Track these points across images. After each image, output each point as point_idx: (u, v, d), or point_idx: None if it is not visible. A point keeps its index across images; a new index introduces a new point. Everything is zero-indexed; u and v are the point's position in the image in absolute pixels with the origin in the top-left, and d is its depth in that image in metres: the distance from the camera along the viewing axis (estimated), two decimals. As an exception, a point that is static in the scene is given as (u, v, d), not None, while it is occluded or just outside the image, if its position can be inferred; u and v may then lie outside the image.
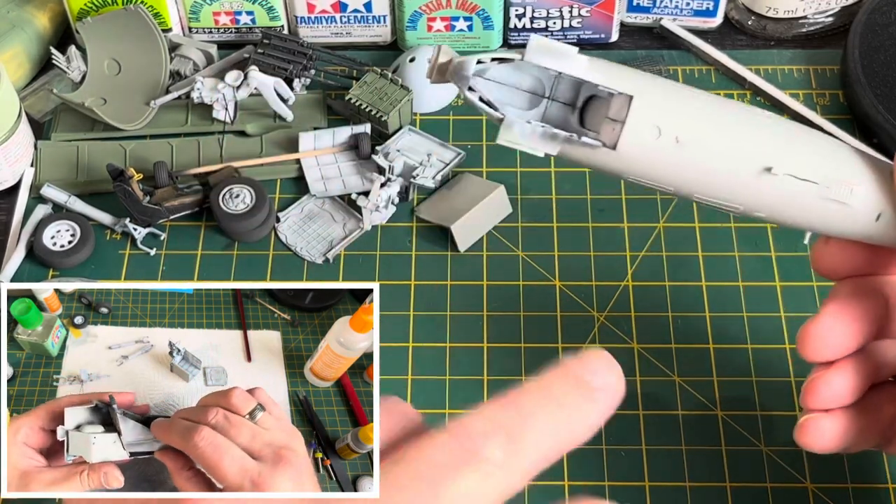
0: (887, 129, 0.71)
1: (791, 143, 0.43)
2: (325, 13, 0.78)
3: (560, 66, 0.41)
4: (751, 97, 0.76)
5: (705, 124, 0.42)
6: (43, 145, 0.73)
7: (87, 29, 0.76)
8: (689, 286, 0.67)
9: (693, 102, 0.42)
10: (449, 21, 0.77)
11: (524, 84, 0.42)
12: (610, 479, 0.59)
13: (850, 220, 0.44)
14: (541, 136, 0.41)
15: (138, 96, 0.76)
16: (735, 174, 0.42)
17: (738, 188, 0.43)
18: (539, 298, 0.67)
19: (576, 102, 0.43)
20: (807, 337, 0.48)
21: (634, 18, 0.80)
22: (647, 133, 0.41)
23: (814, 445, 0.50)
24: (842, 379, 0.49)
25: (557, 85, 0.42)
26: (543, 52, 0.41)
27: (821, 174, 0.43)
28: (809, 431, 0.50)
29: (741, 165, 0.42)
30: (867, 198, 0.43)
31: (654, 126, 0.41)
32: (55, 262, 0.67)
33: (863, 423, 0.51)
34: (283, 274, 0.68)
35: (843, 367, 0.49)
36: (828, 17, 0.79)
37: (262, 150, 0.73)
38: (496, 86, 0.42)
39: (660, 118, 0.41)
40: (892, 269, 0.49)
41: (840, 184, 0.43)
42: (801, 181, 0.43)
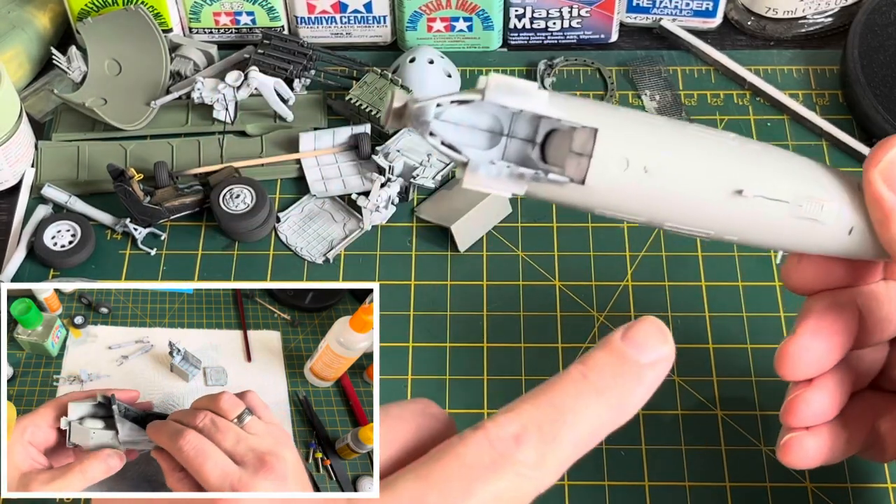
0: (887, 129, 0.71)
1: (760, 164, 0.43)
2: (325, 13, 0.78)
3: (521, 103, 0.40)
4: (751, 97, 0.76)
5: (673, 152, 0.42)
6: (43, 145, 0.74)
7: (87, 29, 0.76)
8: (689, 286, 0.67)
9: (658, 131, 0.42)
10: (449, 21, 0.77)
11: (482, 123, 0.42)
12: (610, 479, 0.59)
13: (823, 236, 0.44)
14: (507, 176, 0.41)
15: (139, 96, 0.76)
16: (706, 199, 0.43)
17: (710, 213, 0.43)
18: (539, 298, 0.67)
19: (535, 138, 0.43)
20: (784, 357, 0.47)
21: (634, 19, 0.80)
22: (615, 165, 0.41)
23: (798, 464, 0.50)
24: (821, 396, 0.48)
25: (515, 122, 0.42)
26: (503, 91, 0.40)
27: (791, 193, 0.43)
28: (792, 451, 0.50)
29: (712, 190, 0.43)
30: (839, 213, 0.43)
31: (622, 157, 0.41)
32: (55, 262, 0.68)
33: (845, 436, 0.50)
34: (283, 274, 0.68)
35: (823, 383, 0.49)
36: (827, 18, 0.80)
37: (263, 150, 0.73)
38: (454, 126, 0.41)
39: (627, 149, 0.41)
40: (865, 279, 0.48)
41: (811, 201, 0.43)
42: (771, 201, 0.43)
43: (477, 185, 0.41)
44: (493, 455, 0.32)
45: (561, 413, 0.33)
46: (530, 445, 0.33)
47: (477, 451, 0.32)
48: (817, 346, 0.47)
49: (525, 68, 0.78)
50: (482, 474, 0.32)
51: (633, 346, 0.34)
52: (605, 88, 0.77)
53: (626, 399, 0.34)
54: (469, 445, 0.33)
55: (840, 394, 0.49)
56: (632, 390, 0.34)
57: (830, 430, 0.50)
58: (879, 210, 0.42)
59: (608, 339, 0.35)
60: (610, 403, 0.34)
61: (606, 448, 0.60)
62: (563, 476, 0.61)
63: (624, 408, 0.34)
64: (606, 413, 0.34)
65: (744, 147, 0.43)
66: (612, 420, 0.34)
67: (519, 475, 0.32)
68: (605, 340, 0.35)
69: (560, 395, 0.34)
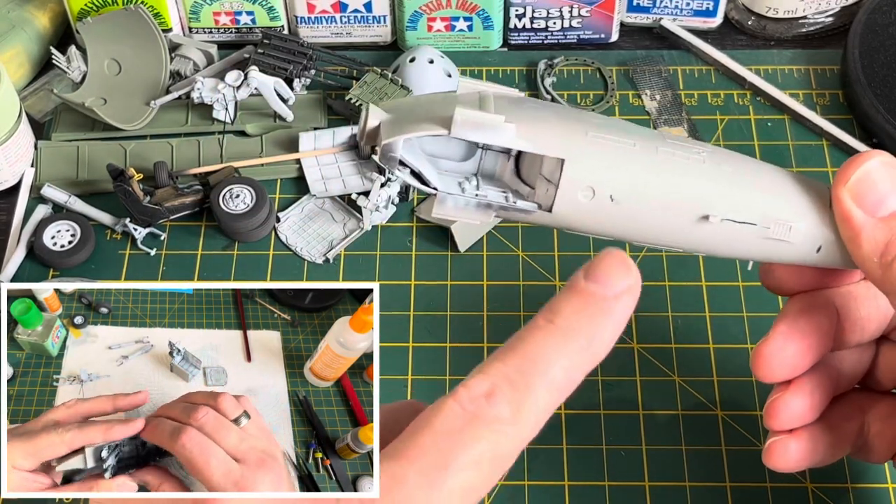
0: (887, 129, 0.71)
1: (728, 186, 0.43)
2: (325, 13, 0.78)
3: (487, 138, 0.40)
4: (751, 97, 0.76)
5: (639, 180, 0.42)
6: (43, 145, 0.74)
7: (87, 29, 0.76)
8: (689, 286, 0.67)
9: (626, 157, 0.42)
10: (449, 21, 0.77)
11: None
12: (610, 479, 0.59)
13: (791, 253, 0.44)
14: (475, 206, 0.41)
15: (138, 96, 0.76)
16: (673, 225, 0.43)
17: (678, 236, 0.44)
18: (539, 298, 0.67)
19: (510, 151, 0.43)
20: (759, 358, 0.48)
21: (634, 18, 0.80)
22: (581, 195, 0.42)
23: (783, 467, 0.50)
24: (800, 399, 0.49)
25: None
26: (469, 125, 0.40)
27: (759, 214, 0.43)
28: (776, 454, 0.50)
29: (678, 216, 0.43)
30: (806, 233, 0.44)
31: (588, 187, 0.42)
32: (55, 262, 0.67)
33: (830, 438, 0.50)
34: (283, 274, 0.68)
35: (801, 386, 0.49)
36: (828, 17, 0.80)
37: (262, 150, 0.73)
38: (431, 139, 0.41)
39: (592, 179, 0.42)
40: (842, 281, 0.48)
41: (778, 223, 0.43)
42: (739, 224, 0.43)
43: (445, 215, 0.42)
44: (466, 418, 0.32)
45: (531, 362, 0.33)
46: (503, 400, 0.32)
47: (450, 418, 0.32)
48: (790, 348, 0.47)
49: (525, 68, 0.78)
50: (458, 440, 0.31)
51: (597, 282, 0.34)
52: (605, 88, 0.77)
53: (596, 337, 0.33)
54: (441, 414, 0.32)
55: (819, 396, 0.49)
56: (601, 326, 0.33)
57: (813, 434, 0.50)
58: (849, 228, 0.43)
59: (571, 280, 0.34)
60: (580, 344, 0.33)
61: (606, 448, 0.60)
62: (563, 476, 0.61)
63: (596, 346, 0.33)
64: (578, 355, 0.33)
65: (715, 167, 0.43)
66: (586, 361, 0.33)
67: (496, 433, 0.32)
68: (567, 283, 0.34)
69: (527, 345, 0.33)
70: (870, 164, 0.43)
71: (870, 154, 0.43)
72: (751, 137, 0.74)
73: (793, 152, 0.73)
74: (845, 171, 0.43)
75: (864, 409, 0.51)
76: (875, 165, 0.43)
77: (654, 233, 0.43)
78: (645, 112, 0.75)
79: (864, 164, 0.43)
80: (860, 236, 0.43)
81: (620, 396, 0.62)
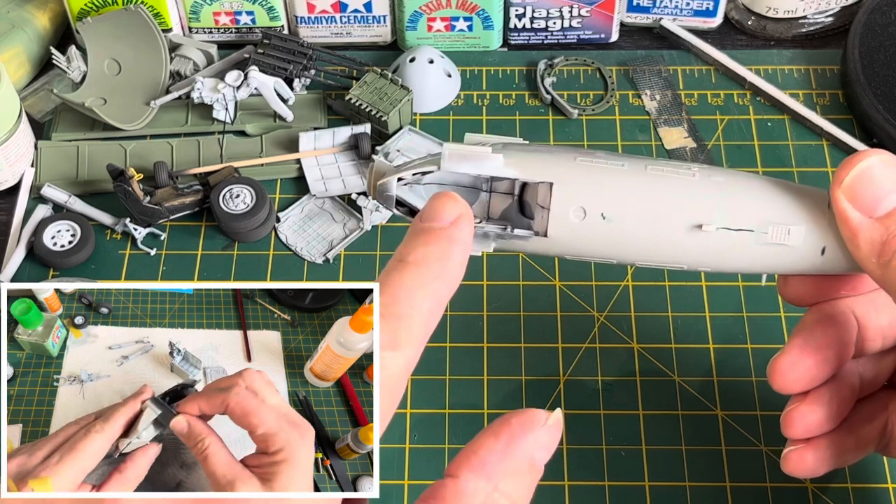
0: (887, 129, 0.71)
1: (720, 195, 0.43)
2: (325, 13, 0.78)
3: (476, 169, 0.42)
4: (751, 97, 0.76)
5: (628, 195, 0.43)
6: (43, 145, 0.74)
7: (87, 29, 0.76)
8: (689, 286, 0.67)
9: (615, 176, 0.43)
10: (449, 21, 0.77)
11: (464, 180, 0.44)
12: (610, 479, 0.59)
13: (795, 259, 0.44)
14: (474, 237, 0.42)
15: (138, 96, 0.76)
16: (667, 238, 0.43)
17: (674, 250, 0.44)
18: (539, 298, 0.67)
19: (513, 190, 0.44)
20: (775, 372, 0.48)
21: (634, 18, 0.80)
22: (573, 215, 0.43)
23: (801, 475, 0.50)
24: (817, 410, 0.49)
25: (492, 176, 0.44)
26: (458, 158, 0.42)
27: (755, 220, 0.43)
28: (793, 463, 0.50)
29: (671, 229, 0.43)
30: (807, 235, 0.44)
31: (579, 207, 0.43)
32: (55, 262, 0.67)
33: (851, 442, 0.50)
34: (283, 274, 0.68)
35: (818, 396, 0.49)
36: (828, 17, 0.80)
37: (262, 150, 0.73)
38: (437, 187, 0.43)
39: (582, 199, 0.43)
40: (860, 289, 0.48)
41: (776, 227, 0.43)
42: (735, 231, 0.43)
43: None
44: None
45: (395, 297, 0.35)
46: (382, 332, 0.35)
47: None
48: (806, 361, 0.47)
49: (525, 68, 0.78)
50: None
51: (430, 219, 0.37)
52: (605, 88, 0.77)
53: (447, 261, 0.36)
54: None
55: (837, 405, 0.49)
56: (449, 251, 0.37)
57: (833, 439, 0.50)
58: (847, 228, 0.43)
59: (410, 227, 0.38)
60: (434, 272, 0.36)
61: (606, 448, 0.60)
62: (563, 476, 0.61)
63: (450, 269, 0.36)
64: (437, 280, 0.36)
65: (705, 180, 0.43)
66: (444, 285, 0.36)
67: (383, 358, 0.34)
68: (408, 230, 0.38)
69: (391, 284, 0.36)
70: (865, 163, 0.43)
71: (865, 153, 0.43)
72: (751, 137, 0.74)
73: (793, 152, 0.73)
74: (840, 172, 0.43)
75: (887, 406, 0.51)
76: (871, 164, 0.43)
77: (650, 249, 0.44)
78: (645, 112, 0.75)
79: (859, 164, 0.43)
80: (858, 237, 0.42)
81: (620, 396, 0.62)
